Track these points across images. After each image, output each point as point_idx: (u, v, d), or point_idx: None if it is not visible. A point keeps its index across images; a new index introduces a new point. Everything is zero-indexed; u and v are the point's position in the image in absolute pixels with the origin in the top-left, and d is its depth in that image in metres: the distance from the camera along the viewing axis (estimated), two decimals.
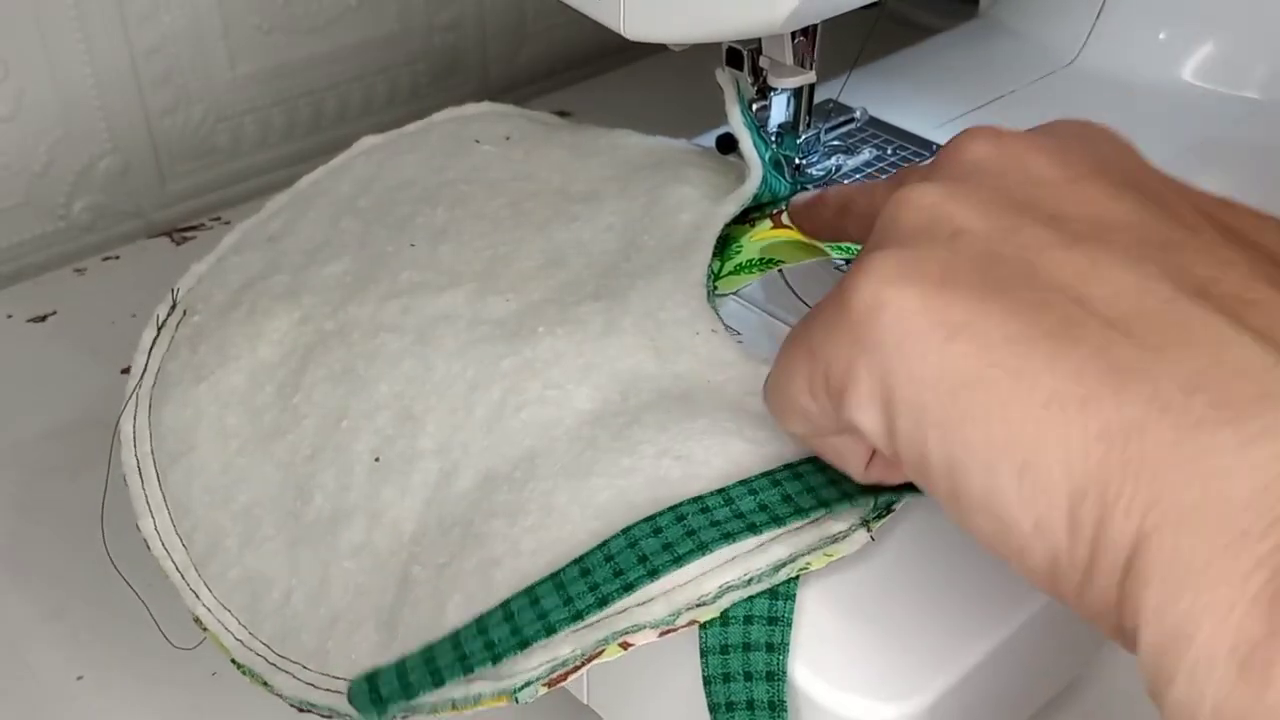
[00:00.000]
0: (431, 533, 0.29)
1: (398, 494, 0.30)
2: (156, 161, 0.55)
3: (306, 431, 0.32)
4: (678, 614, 0.27)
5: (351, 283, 0.35)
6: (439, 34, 0.61)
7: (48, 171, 0.52)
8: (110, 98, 0.52)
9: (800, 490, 0.28)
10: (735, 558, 0.27)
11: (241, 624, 0.30)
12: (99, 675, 0.37)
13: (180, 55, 0.53)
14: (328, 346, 0.33)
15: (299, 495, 0.31)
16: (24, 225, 0.52)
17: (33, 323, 0.50)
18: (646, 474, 0.28)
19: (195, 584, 0.31)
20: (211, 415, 0.33)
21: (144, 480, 0.33)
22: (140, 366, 0.35)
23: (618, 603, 0.26)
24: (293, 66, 0.57)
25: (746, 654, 0.27)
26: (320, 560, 0.30)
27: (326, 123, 0.60)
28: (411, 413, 0.31)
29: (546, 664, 0.26)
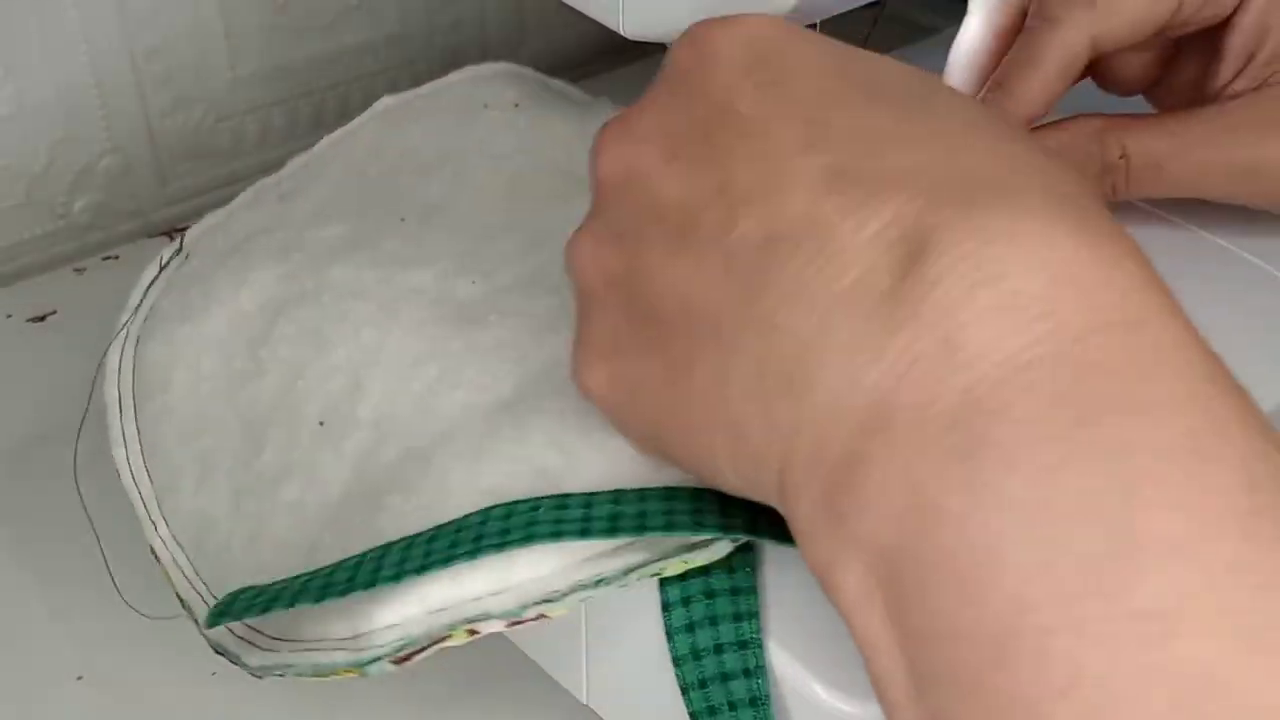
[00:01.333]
0: (349, 501, 0.30)
1: (333, 459, 0.31)
2: (156, 161, 0.55)
3: (267, 385, 0.33)
4: (526, 607, 0.27)
5: (340, 247, 0.36)
6: (439, 34, 0.61)
7: (48, 171, 0.52)
8: (110, 98, 0.52)
9: (658, 510, 0.27)
10: (589, 558, 0.27)
11: (189, 561, 0.31)
12: (99, 675, 0.37)
13: (180, 55, 0.53)
14: (301, 304, 0.34)
15: (252, 446, 0.32)
16: (24, 225, 0.52)
17: (32, 323, 0.50)
18: (531, 464, 0.29)
19: (155, 516, 0.32)
20: (189, 356, 0.34)
21: (122, 413, 0.34)
22: (136, 301, 0.36)
23: (446, 576, 0.27)
24: (293, 66, 0.57)
25: (714, 628, 0.27)
26: (259, 512, 0.31)
27: (327, 123, 0.59)
28: (359, 380, 0.32)
29: (398, 642, 0.27)
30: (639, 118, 0.26)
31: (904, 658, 0.20)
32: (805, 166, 0.22)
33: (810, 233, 0.22)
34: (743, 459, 0.23)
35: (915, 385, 0.20)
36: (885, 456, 0.20)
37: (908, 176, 0.21)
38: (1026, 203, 0.20)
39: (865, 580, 0.20)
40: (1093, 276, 0.19)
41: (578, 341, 0.27)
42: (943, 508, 0.19)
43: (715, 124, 0.24)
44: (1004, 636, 0.18)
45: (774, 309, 0.22)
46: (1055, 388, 0.19)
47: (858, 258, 0.21)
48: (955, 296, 0.19)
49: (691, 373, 0.24)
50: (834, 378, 0.21)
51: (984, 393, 0.19)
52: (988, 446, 0.19)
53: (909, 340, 0.20)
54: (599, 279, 0.26)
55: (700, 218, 0.23)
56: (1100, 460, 0.18)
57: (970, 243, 0.20)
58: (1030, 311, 0.19)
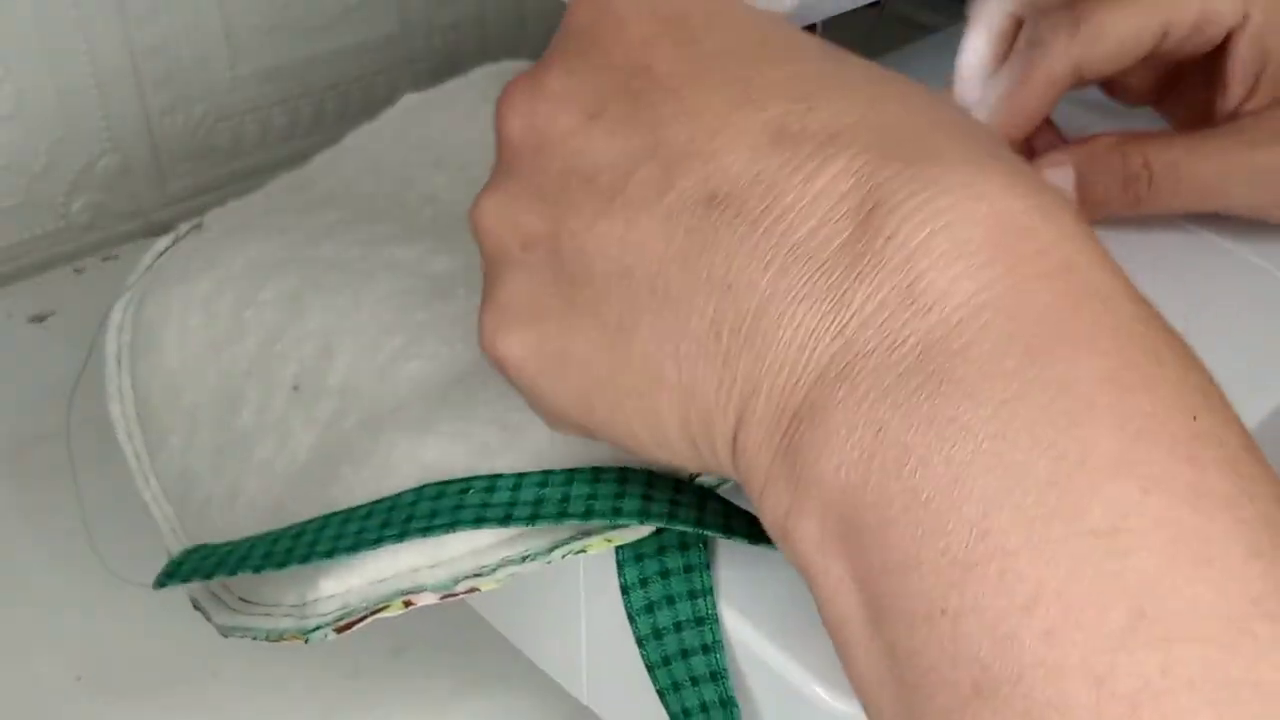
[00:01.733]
0: (311, 467, 0.31)
1: (302, 424, 0.32)
2: (156, 161, 0.55)
3: (248, 347, 0.33)
4: (458, 580, 0.27)
5: (335, 227, 0.36)
6: (439, 34, 0.61)
7: (47, 171, 0.52)
8: (110, 98, 0.52)
9: (582, 495, 0.28)
10: (520, 534, 0.28)
11: (177, 516, 0.32)
12: (98, 675, 0.37)
13: (180, 55, 0.53)
14: (286, 271, 0.34)
15: (230, 407, 0.33)
16: (23, 225, 0.52)
17: (32, 322, 0.50)
18: (472, 439, 0.29)
19: (147, 471, 0.33)
20: (177, 314, 0.35)
21: (120, 369, 0.35)
22: (145, 265, 0.37)
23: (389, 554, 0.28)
24: (293, 66, 0.57)
25: (672, 607, 0.28)
26: (235, 472, 0.32)
27: (327, 123, 0.59)
28: (330, 347, 0.32)
29: (339, 611, 0.28)
30: (546, 76, 0.25)
31: (861, 595, 0.21)
32: (743, 123, 0.22)
33: (756, 189, 0.22)
34: (693, 420, 0.23)
35: (879, 331, 0.20)
36: (849, 401, 0.20)
37: (847, 131, 0.22)
38: (961, 156, 0.21)
39: (824, 525, 0.21)
40: (1030, 225, 0.21)
41: (487, 307, 0.26)
42: (907, 444, 0.20)
43: (636, 82, 0.24)
44: (967, 561, 0.19)
45: (725, 266, 0.22)
46: (1006, 328, 0.20)
47: (810, 211, 0.21)
48: (913, 246, 0.20)
49: (632, 336, 0.23)
50: (795, 330, 0.21)
51: (943, 334, 0.20)
52: (950, 384, 0.20)
53: (872, 289, 0.20)
54: (514, 241, 0.25)
55: (632, 177, 0.23)
56: (1050, 391, 0.19)
57: (922, 194, 0.21)
58: (979, 258, 0.20)
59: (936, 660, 0.19)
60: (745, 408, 0.22)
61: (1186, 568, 0.18)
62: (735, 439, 0.23)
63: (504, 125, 0.25)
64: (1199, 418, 0.19)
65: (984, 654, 0.19)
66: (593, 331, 0.24)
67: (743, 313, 0.22)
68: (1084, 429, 0.19)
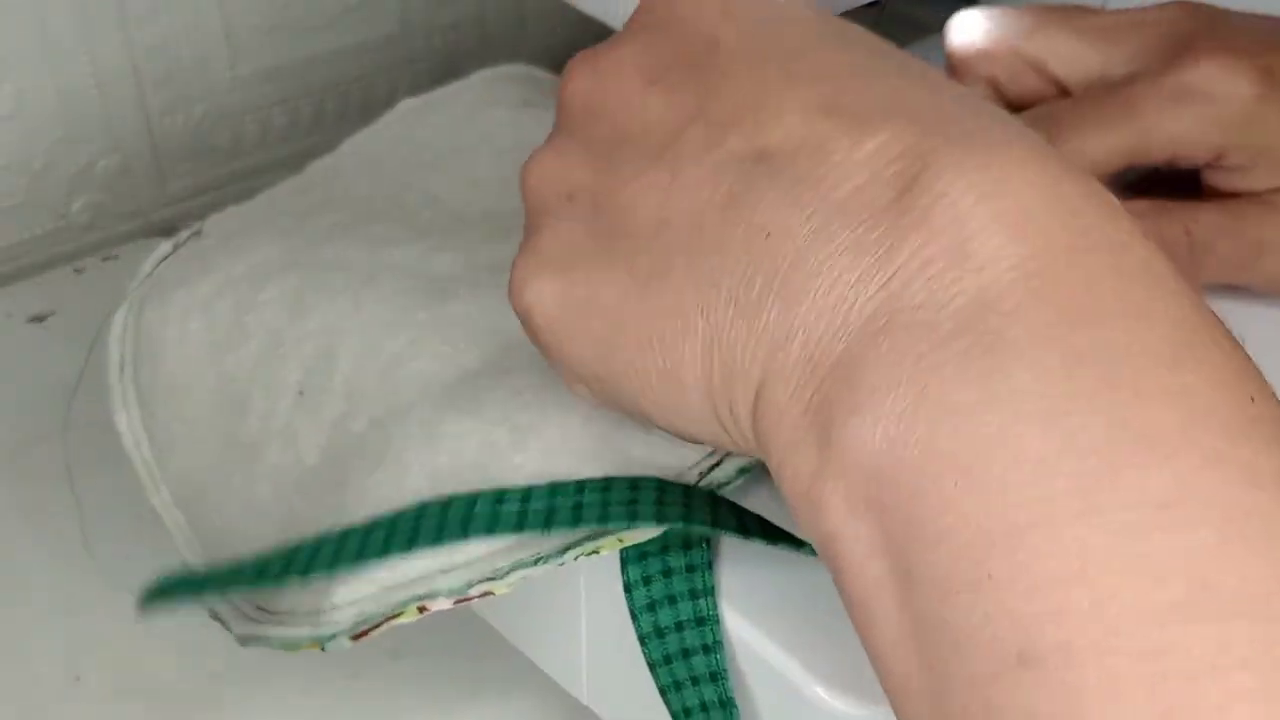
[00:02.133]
0: (321, 470, 0.31)
1: (309, 428, 0.31)
2: (156, 161, 0.55)
3: (250, 351, 0.33)
4: (471, 584, 0.27)
5: (335, 230, 0.36)
6: (439, 34, 0.61)
7: (47, 171, 0.52)
8: (110, 97, 0.52)
9: (595, 502, 0.28)
10: (531, 537, 0.28)
11: (189, 524, 0.32)
12: (98, 675, 0.37)
13: (180, 55, 0.53)
14: (287, 274, 0.34)
15: (237, 412, 0.33)
16: (23, 225, 0.52)
17: (32, 322, 0.50)
18: (480, 437, 0.29)
19: (157, 480, 0.33)
20: (177, 319, 0.35)
21: (122, 376, 0.35)
22: (145, 272, 0.36)
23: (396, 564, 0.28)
24: (293, 66, 0.57)
25: (673, 606, 0.28)
26: (244, 479, 0.32)
27: (326, 123, 0.59)
28: (332, 349, 0.32)
29: (353, 619, 0.27)
30: (614, 48, 0.26)
31: (892, 561, 0.20)
32: (796, 93, 0.23)
33: (804, 149, 0.22)
34: (715, 373, 0.23)
35: (925, 288, 0.20)
36: (890, 356, 0.20)
37: (899, 106, 0.22)
38: (1011, 139, 0.21)
39: (853, 487, 0.20)
40: (1080, 205, 0.21)
41: (523, 255, 0.26)
42: (955, 403, 0.19)
43: (698, 56, 0.24)
44: (1017, 526, 0.18)
45: (765, 217, 0.22)
46: (1060, 294, 0.19)
47: (856, 170, 0.21)
48: (963, 208, 0.20)
49: (664, 283, 0.23)
50: (833, 282, 0.21)
51: (996, 295, 0.20)
52: (1003, 345, 0.19)
53: (918, 246, 0.20)
54: (557, 193, 0.25)
55: (682, 135, 0.23)
56: (1107, 360, 0.19)
57: (971, 161, 0.21)
58: (1030, 226, 0.20)
59: (976, 628, 0.19)
60: (773, 360, 0.22)
61: (1244, 544, 0.18)
62: (759, 394, 0.22)
63: (566, 88, 0.26)
64: (1255, 400, 0.19)
65: (1029, 622, 0.18)
66: (624, 279, 0.24)
67: (779, 260, 0.21)
68: (1144, 401, 0.19)
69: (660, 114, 0.24)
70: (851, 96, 0.22)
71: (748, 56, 0.24)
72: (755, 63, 0.24)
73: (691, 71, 0.24)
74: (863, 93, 0.23)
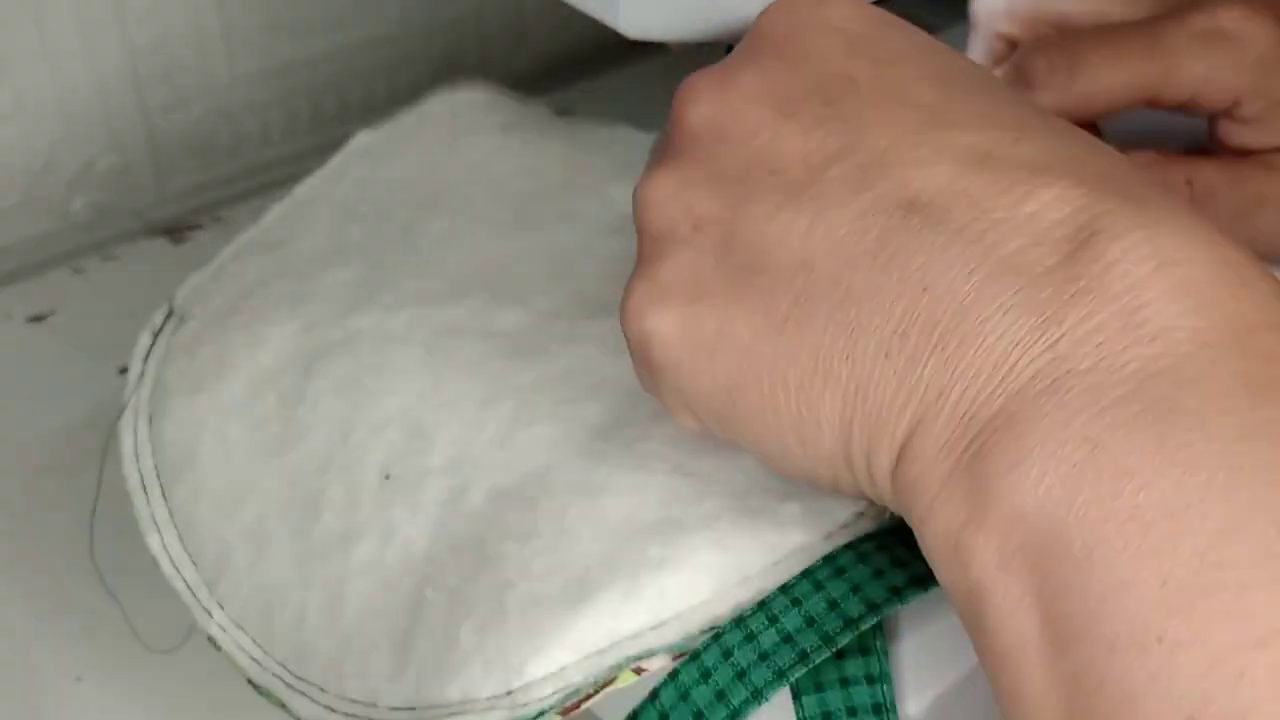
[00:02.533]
0: (443, 553, 0.29)
1: (408, 512, 0.30)
2: (156, 160, 0.55)
3: (313, 444, 0.31)
4: (691, 638, 0.26)
5: (355, 292, 0.34)
6: (438, 34, 0.61)
7: (47, 170, 0.52)
8: (110, 97, 0.52)
9: (844, 592, 0.26)
10: (748, 577, 0.27)
11: (256, 643, 0.30)
12: (99, 675, 0.37)
13: (180, 54, 0.53)
14: (332, 357, 0.33)
15: (307, 511, 0.31)
16: (23, 224, 0.52)
17: (31, 322, 0.50)
18: (658, 490, 0.28)
19: (208, 603, 0.31)
20: (212, 427, 0.33)
21: (149, 498, 0.32)
22: (137, 373, 0.35)
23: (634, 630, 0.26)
24: (293, 66, 0.57)
25: (845, 689, 0.26)
26: (333, 578, 0.30)
27: (326, 122, 0.59)
28: (422, 428, 0.31)
29: (559, 692, 0.26)
30: (739, 73, 0.25)
31: (1045, 618, 0.20)
32: (946, 141, 0.23)
33: (961, 202, 0.22)
34: (857, 421, 0.23)
35: (1095, 353, 0.20)
36: (1057, 416, 0.20)
37: (1058, 164, 0.22)
38: (1172, 202, 0.22)
39: (1008, 540, 0.20)
40: (1249, 278, 0.21)
41: (641, 280, 0.25)
42: (1129, 466, 0.19)
43: (834, 93, 0.24)
44: (1194, 590, 0.18)
45: (922, 269, 0.22)
46: (1236, 368, 0.20)
47: (1022, 229, 0.21)
48: (1137, 276, 0.20)
49: (804, 327, 0.23)
50: (998, 338, 0.21)
51: (1172, 364, 0.20)
52: (1180, 413, 0.19)
53: (1088, 311, 0.20)
54: (685, 219, 0.25)
55: (825, 173, 0.23)
56: (1278, 436, 0.19)
57: (1143, 231, 0.21)
58: (1205, 298, 0.20)
59: (1142, 691, 0.19)
60: (926, 412, 0.22)
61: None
62: (905, 445, 0.22)
63: (685, 110, 0.25)
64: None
65: (1206, 687, 0.18)
66: (757, 318, 0.24)
67: (938, 316, 0.22)
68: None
69: (798, 149, 0.24)
70: (1005, 148, 0.22)
71: (888, 98, 0.24)
72: (897, 105, 0.23)
73: (828, 108, 0.24)
74: (1015, 145, 0.22)
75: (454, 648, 0.27)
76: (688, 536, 0.27)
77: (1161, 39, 0.35)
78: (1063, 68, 0.35)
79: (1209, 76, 0.35)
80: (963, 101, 0.24)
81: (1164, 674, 0.18)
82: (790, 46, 0.25)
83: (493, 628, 0.27)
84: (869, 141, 0.23)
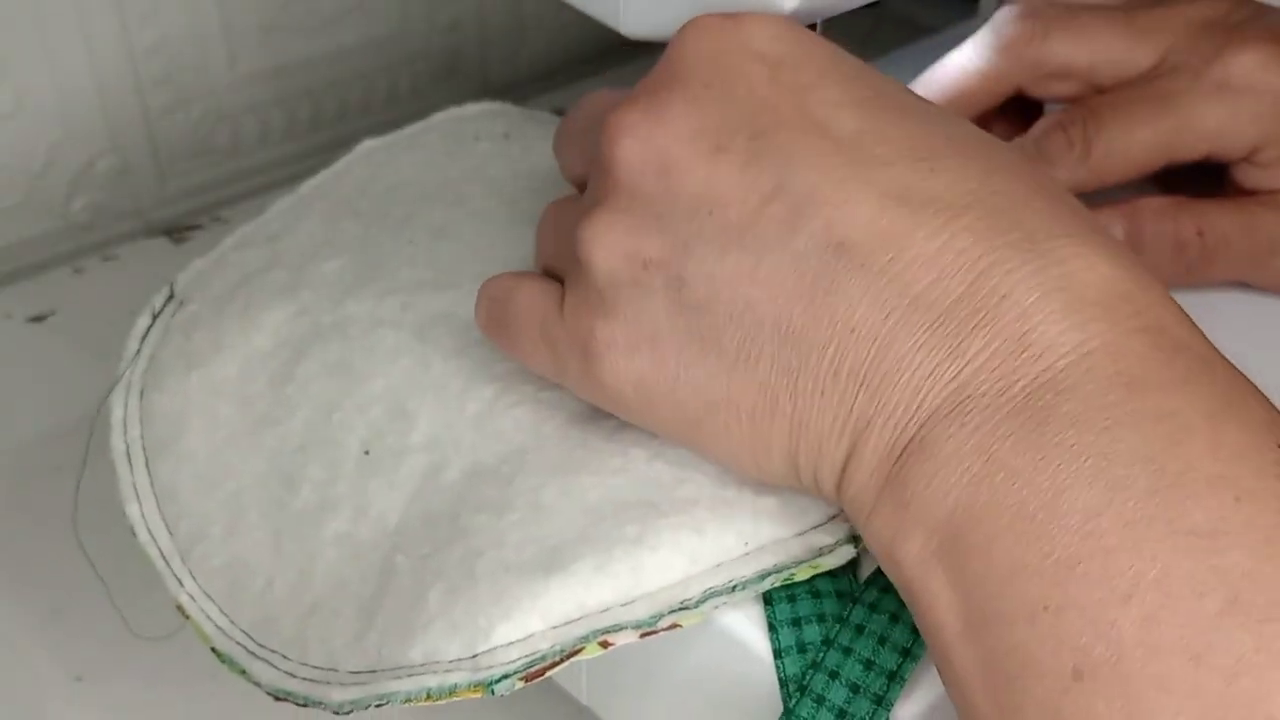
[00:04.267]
0: (415, 525, 0.29)
1: (385, 486, 0.30)
2: (156, 161, 0.55)
3: (298, 422, 0.32)
4: (660, 616, 0.27)
5: (350, 280, 0.35)
6: (439, 34, 0.61)
7: (47, 171, 0.52)
8: (110, 97, 0.52)
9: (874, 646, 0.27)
10: (721, 564, 0.27)
11: (222, 612, 0.30)
12: (99, 675, 0.37)
13: (180, 55, 0.53)
14: (324, 339, 0.33)
15: (286, 485, 0.31)
16: (23, 225, 0.52)
17: (32, 322, 0.50)
18: (637, 474, 0.28)
19: (179, 571, 0.31)
20: (201, 404, 0.33)
21: (132, 467, 0.33)
22: (132, 351, 0.35)
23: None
24: (293, 66, 0.57)
25: (821, 624, 0.27)
26: (304, 550, 0.30)
27: (326, 122, 0.59)
28: (404, 408, 0.31)
29: (525, 658, 0.26)
30: (667, 107, 0.26)
31: (960, 604, 0.22)
32: (868, 176, 0.24)
33: (881, 241, 0.24)
34: (801, 450, 0.25)
35: (990, 376, 0.23)
36: (959, 434, 0.23)
37: (966, 196, 0.24)
38: (1066, 228, 0.24)
39: (927, 544, 0.23)
40: (1128, 291, 0.23)
41: (603, 325, 0.26)
42: (1014, 466, 0.22)
43: (762, 122, 0.25)
44: (1069, 561, 0.21)
45: (848, 310, 0.24)
46: (1109, 370, 0.22)
47: (930, 266, 0.23)
48: (1026, 305, 0.23)
49: (752, 367, 0.25)
50: (912, 374, 0.23)
51: (1052, 377, 0.22)
52: (1057, 416, 0.22)
53: (986, 340, 0.23)
54: (634, 261, 0.26)
55: (761, 215, 0.25)
56: (1150, 420, 0.21)
57: (1036, 262, 0.23)
58: (1086, 315, 0.23)
59: (1036, 653, 0.21)
60: (857, 441, 0.24)
61: (1276, 562, 0.20)
62: (844, 470, 0.25)
63: (616, 147, 0.26)
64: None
65: (1085, 641, 0.20)
66: (712, 359, 0.25)
67: (863, 355, 0.24)
68: (1182, 448, 0.21)
69: (733, 187, 0.25)
70: (923, 181, 0.24)
71: (812, 129, 0.25)
72: (819, 136, 0.25)
73: (757, 141, 0.25)
74: (932, 177, 0.24)
75: (421, 611, 0.27)
76: (664, 518, 0.27)
77: (1175, 97, 0.35)
78: (1079, 141, 0.36)
79: (1224, 131, 0.35)
80: (883, 129, 0.25)
81: (1051, 636, 0.21)
82: (715, 75, 0.26)
83: (462, 592, 0.27)
84: (798, 178, 0.24)
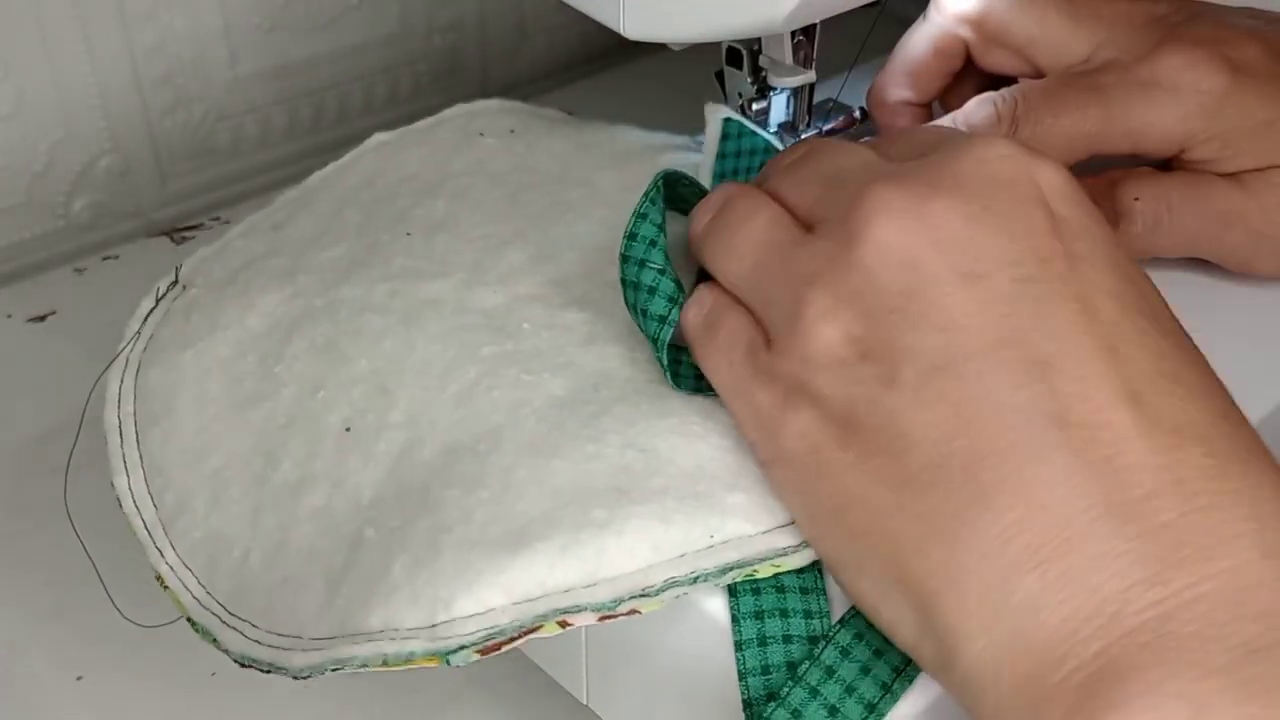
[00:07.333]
0: (389, 500, 0.30)
1: (362, 462, 0.31)
2: (156, 161, 0.55)
3: (283, 400, 0.33)
4: (620, 600, 0.27)
5: (346, 267, 0.35)
6: (439, 34, 0.61)
7: (48, 171, 0.52)
8: (110, 97, 0.52)
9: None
10: (685, 554, 0.27)
11: (200, 583, 0.31)
12: (99, 675, 0.37)
13: (180, 55, 0.53)
14: (314, 321, 0.34)
15: (268, 461, 0.32)
16: (24, 225, 0.52)
17: (32, 322, 0.50)
18: (609, 462, 0.29)
19: (160, 542, 0.32)
20: (193, 380, 0.34)
21: (123, 440, 0.33)
22: (133, 331, 0.36)
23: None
24: (293, 66, 0.57)
25: (784, 619, 0.27)
26: (280, 523, 0.31)
27: (327, 123, 0.60)
28: (386, 388, 0.32)
29: (483, 631, 0.26)
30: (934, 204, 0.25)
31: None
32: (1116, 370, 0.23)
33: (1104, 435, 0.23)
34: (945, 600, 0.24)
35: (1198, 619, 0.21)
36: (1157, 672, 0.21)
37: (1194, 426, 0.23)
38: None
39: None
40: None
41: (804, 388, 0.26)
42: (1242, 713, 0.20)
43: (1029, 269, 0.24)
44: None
45: (1047, 488, 0.23)
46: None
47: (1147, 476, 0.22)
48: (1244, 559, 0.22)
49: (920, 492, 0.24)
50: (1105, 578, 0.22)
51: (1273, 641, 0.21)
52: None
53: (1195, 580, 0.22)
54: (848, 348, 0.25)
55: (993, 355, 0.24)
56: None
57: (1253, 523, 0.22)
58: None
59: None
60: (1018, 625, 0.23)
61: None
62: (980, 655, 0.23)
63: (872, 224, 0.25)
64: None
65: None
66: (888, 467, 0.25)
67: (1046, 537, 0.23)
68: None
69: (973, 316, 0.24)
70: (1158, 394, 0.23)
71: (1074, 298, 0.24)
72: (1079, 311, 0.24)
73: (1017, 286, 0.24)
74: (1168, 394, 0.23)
75: (384, 580, 0.28)
76: (633, 506, 0.28)
77: (1105, 91, 0.35)
78: (1007, 119, 0.35)
79: (1149, 129, 0.35)
80: (1137, 332, 0.24)
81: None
82: (998, 201, 0.25)
83: (426, 564, 0.28)
84: (1042, 338, 0.24)
